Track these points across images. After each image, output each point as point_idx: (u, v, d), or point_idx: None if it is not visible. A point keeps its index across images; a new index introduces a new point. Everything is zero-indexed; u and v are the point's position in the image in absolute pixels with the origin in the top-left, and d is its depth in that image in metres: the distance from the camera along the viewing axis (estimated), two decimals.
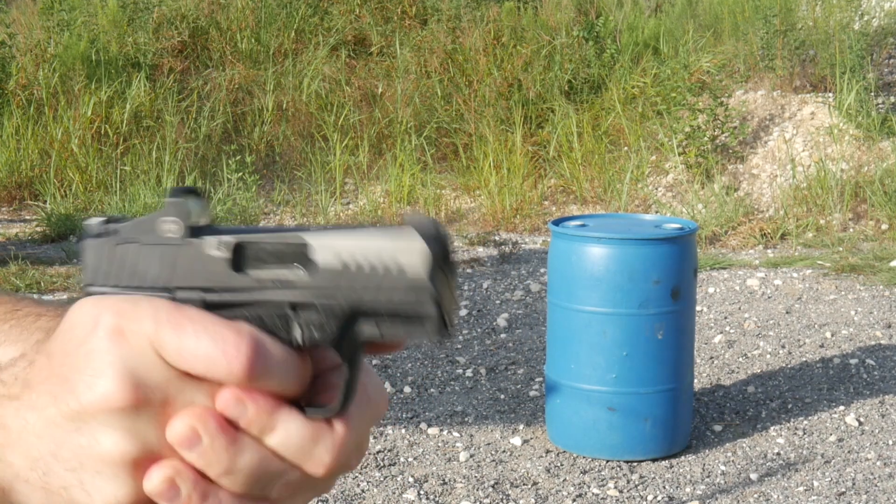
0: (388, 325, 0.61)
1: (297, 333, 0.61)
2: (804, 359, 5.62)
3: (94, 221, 0.66)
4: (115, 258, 0.66)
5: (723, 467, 4.39)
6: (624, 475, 4.29)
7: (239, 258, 0.63)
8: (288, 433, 0.59)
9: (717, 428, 4.77)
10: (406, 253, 0.61)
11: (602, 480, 4.25)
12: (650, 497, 4.12)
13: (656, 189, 8.94)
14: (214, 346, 0.57)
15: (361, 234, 0.62)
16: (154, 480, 0.58)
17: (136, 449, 0.58)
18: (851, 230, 8.06)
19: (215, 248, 0.64)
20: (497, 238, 7.99)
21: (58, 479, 0.59)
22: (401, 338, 0.61)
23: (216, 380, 0.58)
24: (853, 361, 5.54)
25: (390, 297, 0.61)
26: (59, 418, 0.58)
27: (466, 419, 4.84)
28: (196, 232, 0.64)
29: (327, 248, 0.62)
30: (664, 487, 4.21)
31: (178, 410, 0.58)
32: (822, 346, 5.79)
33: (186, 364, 0.58)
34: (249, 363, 0.57)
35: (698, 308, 6.20)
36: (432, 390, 5.22)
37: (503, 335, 6.03)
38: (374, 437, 4.63)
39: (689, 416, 4.53)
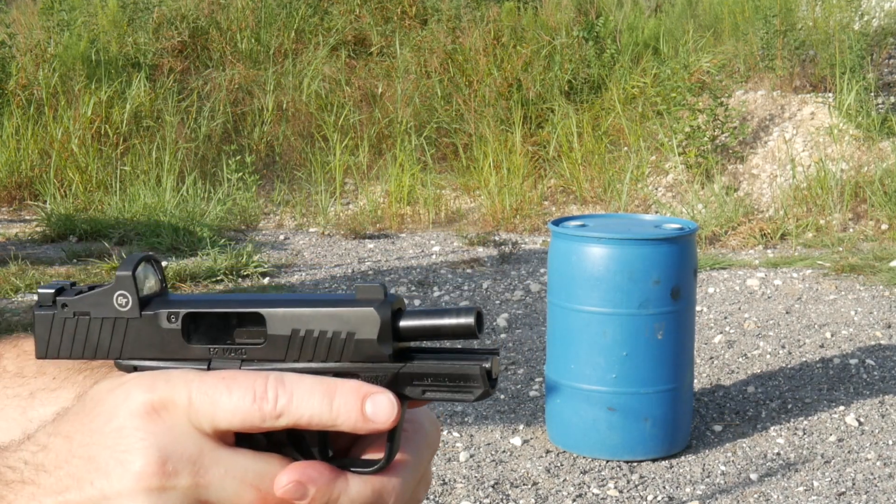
0: (430, 390, 0.63)
1: None
2: (804, 359, 5.62)
3: (45, 292, 0.67)
4: (67, 331, 0.67)
5: (723, 467, 4.39)
6: (624, 475, 4.29)
7: (190, 329, 0.65)
8: (352, 499, 0.60)
9: (717, 428, 4.77)
10: (356, 318, 0.63)
11: (602, 480, 4.25)
12: (650, 497, 4.12)
13: (656, 189, 8.94)
14: (246, 392, 0.58)
15: (315, 303, 0.63)
16: None
17: None
18: (851, 230, 8.06)
19: (166, 320, 0.65)
20: (497, 238, 7.99)
21: None
22: (441, 399, 0.63)
23: (254, 428, 0.59)
24: (853, 361, 5.54)
25: (347, 357, 0.63)
26: (84, 501, 0.58)
27: (466, 419, 4.84)
28: (148, 302, 0.66)
29: (279, 319, 0.63)
30: (664, 487, 4.21)
31: (212, 483, 0.58)
32: (822, 346, 5.79)
33: (225, 421, 0.58)
34: (276, 402, 0.59)
35: (698, 308, 6.20)
36: None
37: (503, 335, 6.03)
38: None
39: (689, 416, 4.53)
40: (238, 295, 0.67)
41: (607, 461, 4.39)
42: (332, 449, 0.64)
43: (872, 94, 8.96)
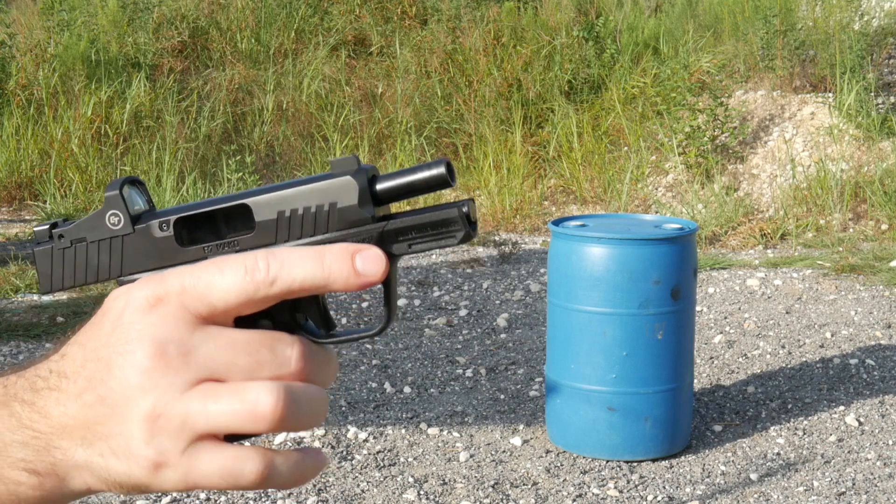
0: (415, 241, 0.66)
1: None
2: (804, 359, 5.62)
3: (41, 229, 0.71)
4: (67, 260, 0.70)
5: (723, 467, 4.39)
6: (624, 475, 4.29)
7: (182, 234, 0.69)
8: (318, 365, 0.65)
9: (717, 428, 4.77)
10: (335, 188, 0.66)
11: (602, 480, 4.25)
12: (650, 497, 4.12)
13: (656, 189, 8.94)
14: (237, 268, 0.62)
15: (295, 184, 0.67)
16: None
17: (161, 402, 0.61)
18: (851, 230, 8.06)
19: (158, 229, 0.69)
20: (497, 238, 7.99)
21: (95, 448, 0.63)
22: (427, 248, 0.66)
23: (250, 301, 0.62)
24: (853, 361, 5.54)
25: (333, 227, 0.67)
26: (100, 401, 0.62)
27: (466, 419, 4.84)
28: (139, 218, 0.69)
29: (265, 205, 0.67)
30: (664, 487, 4.21)
31: (209, 357, 0.62)
32: (822, 346, 5.79)
33: (221, 300, 0.62)
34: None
35: (698, 308, 6.20)
36: (432, 390, 5.22)
37: (503, 335, 6.03)
38: (375, 438, 4.64)
39: (689, 416, 4.53)
40: (222, 196, 0.70)
41: (607, 461, 4.39)
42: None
43: (872, 94, 8.96)
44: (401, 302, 6.56)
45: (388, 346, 5.84)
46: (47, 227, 0.70)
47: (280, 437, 4.58)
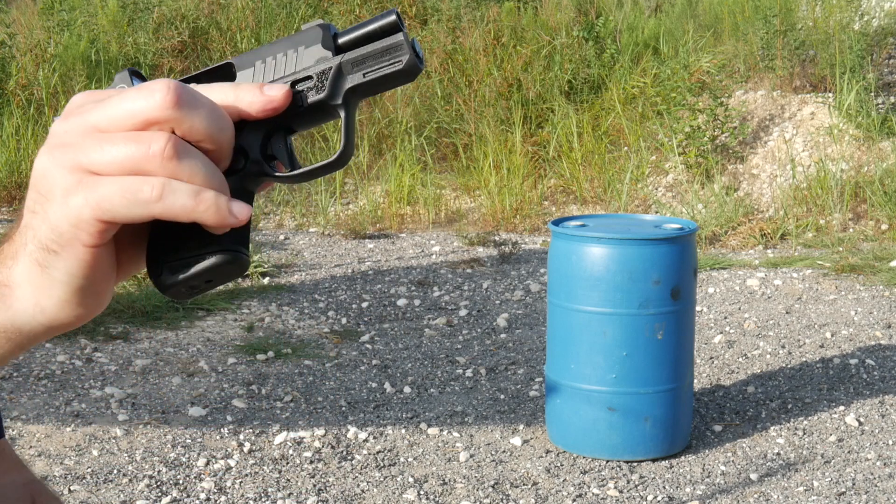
0: (368, 65, 0.73)
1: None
2: (804, 359, 5.62)
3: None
4: None
5: (723, 467, 4.39)
6: (624, 475, 4.29)
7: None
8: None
9: (717, 428, 4.77)
10: (303, 36, 0.75)
11: (602, 480, 4.25)
12: (650, 497, 4.12)
13: (656, 189, 8.94)
14: (141, 92, 0.66)
15: (272, 42, 0.75)
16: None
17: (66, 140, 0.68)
18: (851, 230, 8.06)
19: None
20: (497, 238, 7.99)
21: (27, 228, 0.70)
22: (381, 76, 0.73)
23: (152, 119, 0.66)
24: (853, 361, 5.54)
25: (301, 66, 0.74)
26: (40, 217, 0.69)
27: (466, 419, 4.84)
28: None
29: (246, 59, 0.75)
30: (664, 487, 4.21)
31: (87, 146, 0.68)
32: (822, 346, 5.79)
33: (120, 119, 0.66)
34: (177, 91, 0.66)
35: (698, 308, 6.20)
36: (432, 390, 5.22)
37: (503, 335, 6.03)
38: (375, 438, 4.64)
39: (689, 416, 4.53)
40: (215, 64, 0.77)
41: (607, 461, 4.39)
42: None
43: (872, 94, 8.96)
44: (401, 302, 6.56)
45: (388, 346, 5.85)
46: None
47: (280, 438, 4.58)
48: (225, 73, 0.76)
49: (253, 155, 0.72)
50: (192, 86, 0.69)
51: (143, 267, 0.74)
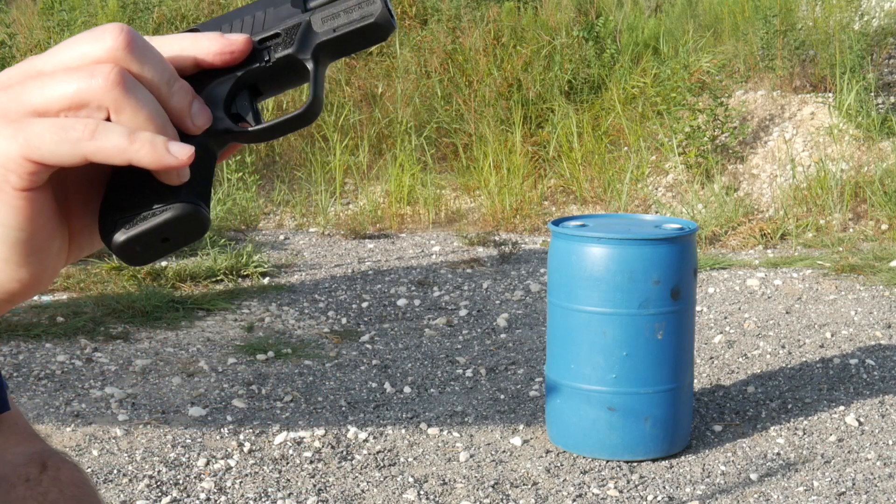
0: (338, 20, 0.70)
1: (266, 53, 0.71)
2: (804, 359, 5.62)
3: None
4: None
5: (723, 467, 4.39)
6: (624, 475, 4.29)
7: None
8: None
9: (717, 428, 4.77)
10: None
11: (602, 480, 4.25)
12: (650, 497, 4.12)
13: (656, 189, 8.94)
14: (90, 34, 0.63)
15: (241, 8, 0.72)
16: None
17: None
18: (851, 230, 8.06)
19: None
20: (497, 238, 7.99)
21: None
22: (352, 30, 0.70)
23: (101, 61, 0.62)
24: (853, 361, 5.54)
25: (270, 24, 0.71)
26: None
27: (466, 419, 4.84)
28: None
29: (211, 24, 0.72)
30: (664, 487, 4.21)
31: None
32: (822, 346, 5.79)
33: (68, 63, 0.63)
34: (129, 34, 0.62)
35: (698, 308, 6.20)
36: (432, 390, 5.22)
37: (503, 335, 6.03)
38: (375, 438, 4.64)
39: (689, 416, 4.53)
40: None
41: (607, 461, 4.39)
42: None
43: (872, 94, 8.96)
44: (401, 302, 6.56)
45: (388, 346, 5.85)
46: None
47: (280, 438, 4.58)
48: None
49: (216, 112, 0.69)
50: (147, 37, 0.67)
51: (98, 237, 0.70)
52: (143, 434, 4.60)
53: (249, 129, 0.70)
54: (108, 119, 0.63)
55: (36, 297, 6.42)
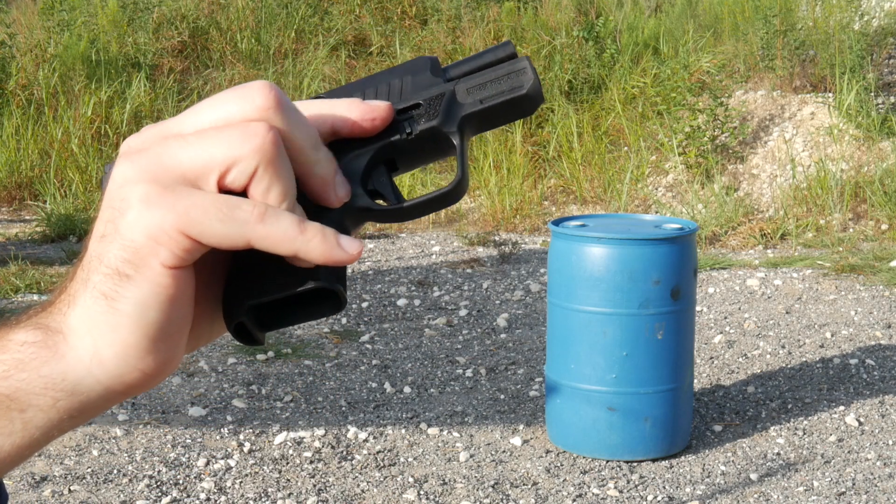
0: (485, 91, 0.66)
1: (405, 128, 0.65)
2: (804, 359, 5.62)
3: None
4: None
5: (723, 467, 4.39)
6: (624, 475, 4.29)
7: None
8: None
9: (717, 428, 4.77)
10: (409, 66, 0.68)
11: (602, 480, 4.25)
12: (650, 497, 4.12)
13: (656, 189, 8.94)
14: (235, 93, 0.58)
15: (372, 75, 0.68)
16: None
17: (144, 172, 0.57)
18: (851, 230, 8.06)
19: None
20: (497, 238, 8.00)
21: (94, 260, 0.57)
22: (501, 102, 0.66)
23: (251, 118, 0.57)
24: (853, 361, 5.54)
25: (407, 94, 0.66)
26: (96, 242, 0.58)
27: (466, 419, 4.84)
28: None
29: (341, 91, 0.67)
30: (664, 487, 4.21)
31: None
32: (822, 346, 5.79)
33: (217, 118, 0.58)
34: (277, 92, 0.57)
35: (698, 308, 6.20)
36: (432, 390, 5.22)
37: (503, 335, 6.03)
38: (375, 438, 4.64)
39: (689, 416, 4.53)
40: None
41: (607, 461, 4.39)
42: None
43: (872, 94, 8.96)
44: (401, 302, 6.56)
45: (388, 346, 5.85)
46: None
47: (280, 438, 4.58)
48: None
49: (354, 188, 0.63)
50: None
51: (218, 325, 0.63)
52: (144, 434, 4.60)
53: (391, 207, 0.65)
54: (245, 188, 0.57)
55: (36, 297, 6.42)
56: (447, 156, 0.67)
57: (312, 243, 0.57)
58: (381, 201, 0.65)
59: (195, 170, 0.56)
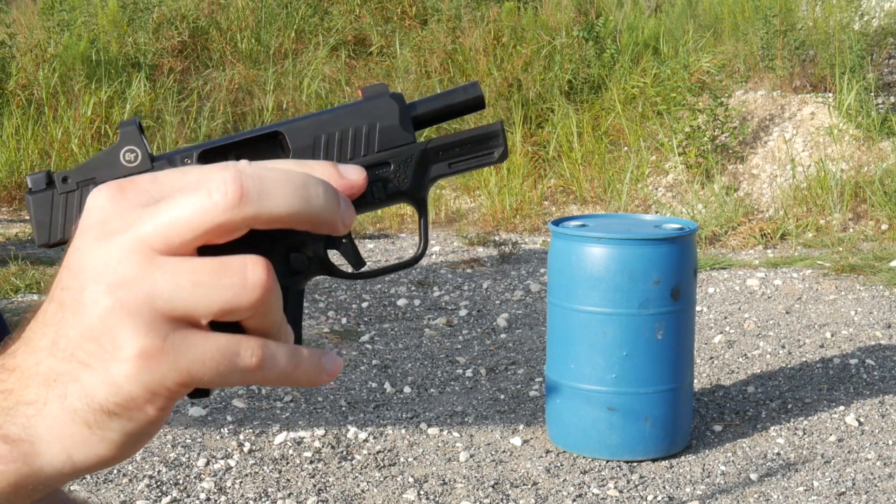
0: (457, 160, 0.64)
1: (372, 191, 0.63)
2: (804, 359, 5.62)
3: (36, 176, 0.63)
4: (71, 206, 0.63)
5: (723, 467, 4.39)
6: (624, 475, 4.29)
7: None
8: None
9: (717, 428, 4.77)
10: (374, 109, 0.63)
11: (602, 480, 4.25)
12: (650, 497, 4.12)
13: (656, 189, 8.94)
14: (194, 195, 0.53)
15: (329, 111, 0.63)
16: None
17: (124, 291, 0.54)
18: (851, 230, 8.06)
19: (181, 163, 0.62)
20: (497, 238, 8.00)
21: (65, 377, 0.55)
22: (466, 167, 0.64)
23: (215, 225, 0.53)
24: (853, 361, 5.54)
25: (373, 148, 0.63)
26: (57, 335, 0.55)
27: (466, 419, 4.84)
28: (155, 157, 0.62)
29: (300, 131, 0.62)
30: (664, 487, 4.21)
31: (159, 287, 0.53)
32: (822, 346, 5.79)
33: (178, 235, 0.53)
34: (238, 182, 0.53)
35: (698, 308, 6.20)
36: (432, 390, 5.22)
37: (503, 335, 6.03)
38: (375, 438, 4.64)
39: (689, 416, 4.53)
40: (252, 129, 0.64)
41: (607, 461, 4.39)
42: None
43: (872, 94, 8.96)
44: (401, 302, 6.56)
45: (388, 346, 5.85)
46: (43, 174, 0.63)
47: (280, 438, 4.58)
48: (272, 145, 0.62)
49: (316, 252, 0.61)
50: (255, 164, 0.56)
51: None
52: None
53: (352, 272, 0.63)
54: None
55: (36, 297, 6.42)
56: (399, 204, 0.66)
57: (303, 378, 0.56)
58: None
59: (190, 314, 0.54)
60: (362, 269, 0.64)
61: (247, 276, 0.53)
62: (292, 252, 0.61)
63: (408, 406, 5.01)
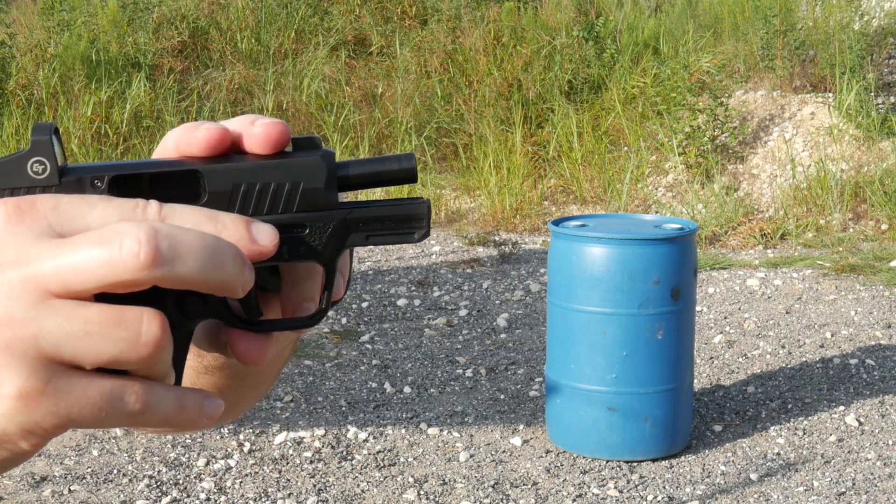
0: (375, 233, 0.61)
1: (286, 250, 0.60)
2: (804, 359, 5.62)
3: None
4: None
5: (723, 467, 4.39)
6: (624, 475, 4.29)
7: (116, 194, 0.58)
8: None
9: (717, 428, 4.77)
10: (300, 167, 0.60)
11: (602, 480, 4.25)
12: (650, 497, 4.12)
13: (656, 189, 8.94)
14: (101, 246, 0.51)
15: (254, 158, 0.60)
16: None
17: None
18: (851, 230, 8.06)
19: (90, 185, 0.59)
20: (497, 238, 7.99)
21: None
22: (383, 242, 0.62)
23: (120, 281, 0.51)
24: (853, 361, 5.54)
25: (292, 208, 0.60)
26: None
27: (466, 419, 4.84)
28: (65, 171, 0.59)
29: (220, 174, 0.59)
30: (664, 487, 4.21)
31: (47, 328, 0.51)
32: (822, 346, 5.79)
33: (79, 282, 0.51)
34: (153, 244, 0.50)
35: (698, 308, 6.20)
36: (432, 390, 5.22)
37: (503, 335, 6.03)
38: (375, 438, 4.64)
39: (689, 416, 4.53)
40: (170, 159, 0.60)
41: (607, 461, 4.39)
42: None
43: (872, 94, 8.96)
44: (401, 302, 6.56)
45: (388, 346, 5.85)
46: None
47: (280, 438, 4.58)
48: (189, 183, 0.59)
49: (213, 298, 0.58)
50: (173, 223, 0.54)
51: None
52: (143, 434, 4.60)
53: (246, 323, 0.61)
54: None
55: None
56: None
57: (186, 422, 0.55)
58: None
59: (76, 361, 0.52)
60: (257, 321, 0.61)
61: (141, 332, 0.51)
62: (188, 296, 0.58)
63: (408, 406, 5.01)
